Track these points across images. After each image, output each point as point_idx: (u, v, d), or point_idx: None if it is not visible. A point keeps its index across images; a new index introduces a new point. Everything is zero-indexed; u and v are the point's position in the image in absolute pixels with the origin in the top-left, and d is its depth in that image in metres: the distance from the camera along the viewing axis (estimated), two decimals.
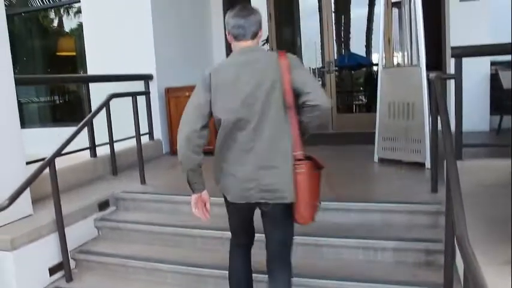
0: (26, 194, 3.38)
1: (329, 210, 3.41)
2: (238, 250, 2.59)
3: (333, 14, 7.59)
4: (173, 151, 5.94)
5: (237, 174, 2.28)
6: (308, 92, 2.16)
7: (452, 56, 3.40)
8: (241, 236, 2.59)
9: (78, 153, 4.62)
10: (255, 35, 2.32)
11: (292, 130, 2.23)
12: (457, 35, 6.20)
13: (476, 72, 5.94)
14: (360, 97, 8.82)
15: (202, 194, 2.45)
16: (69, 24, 8.68)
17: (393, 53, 4.85)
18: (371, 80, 7.93)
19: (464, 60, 3.44)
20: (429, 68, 5.89)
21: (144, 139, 5.59)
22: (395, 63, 4.82)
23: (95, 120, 4.54)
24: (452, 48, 3.40)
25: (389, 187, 3.92)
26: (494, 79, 6.11)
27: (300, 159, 2.24)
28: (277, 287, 2.41)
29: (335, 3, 7.86)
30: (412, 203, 3.31)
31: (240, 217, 2.51)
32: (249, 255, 2.59)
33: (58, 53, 8.77)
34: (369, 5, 8.01)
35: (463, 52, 3.37)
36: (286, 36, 8.46)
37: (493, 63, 6.26)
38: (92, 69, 6.36)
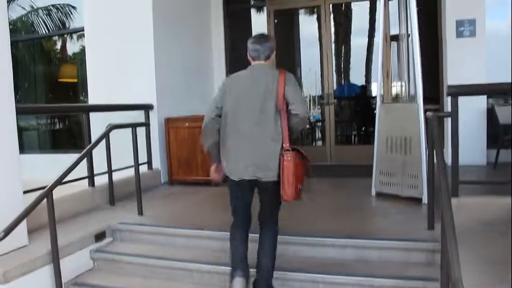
0: (23, 225, 3.36)
1: (326, 246, 3.43)
2: (238, 233, 3.18)
3: (333, 45, 7.71)
4: (171, 181, 5.96)
5: (239, 160, 3.00)
6: (292, 103, 2.93)
7: (448, 95, 3.45)
8: (240, 216, 3.21)
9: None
10: (267, 57, 3.12)
11: (283, 128, 2.95)
12: (453, 70, 6.34)
13: (473, 107, 6.01)
14: (359, 129, 8.85)
15: (218, 165, 3.18)
16: (72, 48, 8.81)
17: (391, 87, 4.91)
18: (370, 111, 7.99)
19: None
20: (428, 100, 5.97)
21: (143, 168, 5.62)
22: (393, 97, 4.88)
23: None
24: (448, 86, 3.45)
25: (386, 223, 3.92)
26: (491, 113, 6.18)
27: (287, 150, 2.92)
28: (265, 239, 3.12)
29: (335, 33, 7.98)
30: (409, 241, 3.31)
31: (239, 194, 3.15)
32: (246, 236, 3.19)
33: (60, 80, 8.86)
34: (368, 36, 8.13)
35: (459, 91, 3.42)
36: (287, 65, 8.55)
37: (489, 98, 6.35)
38: (93, 96, 6.42)
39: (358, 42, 8.43)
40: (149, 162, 5.89)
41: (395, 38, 4.94)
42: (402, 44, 4.82)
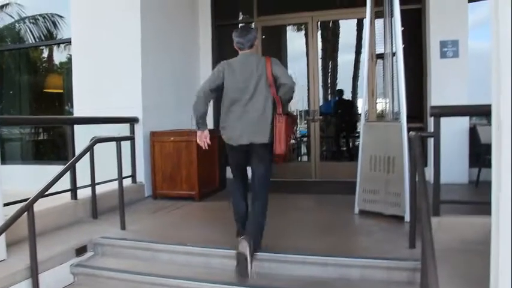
0: (1, 238, 3.34)
1: (307, 263, 3.43)
2: (236, 188, 3.92)
3: (320, 60, 7.79)
4: (155, 195, 5.93)
5: (236, 128, 3.67)
6: (280, 77, 3.62)
7: (430, 115, 3.50)
8: (238, 174, 3.93)
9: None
10: (251, 46, 3.79)
11: (274, 98, 3.62)
12: (437, 90, 6.47)
13: (456, 126, 6.12)
14: (344, 145, 8.91)
15: (204, 132, 3.86)
16: (59, 57, 8.76)
17: (376, 105, 4.97)
18: (356, 127, 8.06)
19: None
20: (412, 118, 6.04)
21: (127, 182, 5.59)
22: (378, 114, 4.92)
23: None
24: (431, 107, 3.51)
25: (368, 241, 3.93)
26: (473, 133, 6.29)
27: (280, 114, 3.61)
28: (257, 203, 3.68)
29: (322, 50, 8.07)
30: (390, 259, 3.32)
31: (237, 156, 3.83)
32: (245, 191, 3.92)
33: (46, 90, 8.81)
34: (355, 52, 8.23)
35: (441, 112, 3.47)
36: None
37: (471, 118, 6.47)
38: (79, 108, 6.38)
39: (345, 59, 8.53)
40: (133, 176, 5.87)
41: (381, 56, 5.02)
42: (387, 62, 4.89)
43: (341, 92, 8.43)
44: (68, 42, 7.33)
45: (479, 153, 6.01)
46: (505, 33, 1.41)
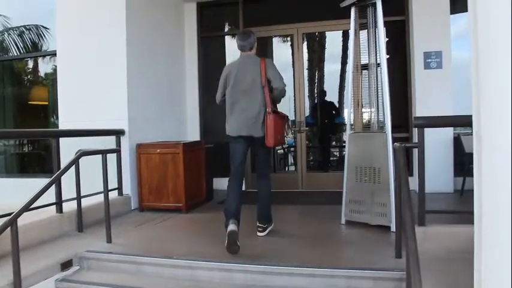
0: None
1: (294, 275, 3.42)
2: (234, 176, 4.39)
3: (306, 72, 7.84)
4: (142, 207, 5.89)
5: (237, 121, 4.35)
6: (272, 80, 4.27)
7: (414, 127, 3.54)
8: (237, 163, 4.40)
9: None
10: (251, 49, 4.46)
11: (266, 98, 4.26)
12: (422, 100, 6.55)
13: (440, 136, 6.19)
14: (331, 155, 8.94)
15: None
16: (44, 68, 8.71)
17: (362, 116, 5.00)
18: (342, 137, 8.10)
19: None
20: (398, 128, 6.09)
21: (113, 194, 5.54)
22: (364, 125, 4.96)
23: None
24: (415, 118, 3.55)
25: (354, 251, 3.95)
26: (457, 142, 6.37)
27: (269, 113, 4.23)
28: (262, 183, 4.50)
29: (308, 60, 8.13)
30: (376, 270, 3.34)
31: (238, 147, 4.39)
32: (241, 180, 4.44)
33: (31, 102, 8.75)
34: (341, 63, 8.29)
35: (425, 123, 3.52)
36: None
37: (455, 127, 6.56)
38: (64, 120, 6.33)
39: (331, 69, 8.59)
40: (119, 188, 5.83)
41: (366, 67, 5.06)
42: (372, 73, 4.94)
43: (323, 93, 8.46)
44: (53, 54, 7.30)
45: (464, 163, 6.08)
46: (484, 46, 1.43)
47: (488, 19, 1.40)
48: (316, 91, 8.64)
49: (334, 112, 8.53)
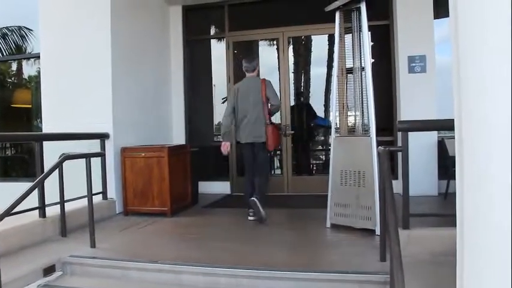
0: None
1: (277, 279, 3.42)
2: (247, 179, 5.57)
3: (292, 75, 7.86)
4: (126, 211, 5.85)
5: (245, 131, 5.44)
6: (270, 98, 5.39)
7: (398, 130, 3.56)
8: (248, 169, 5.60)
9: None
10: (254, 70, 5.53)
11: (265, 113, 5.38)
12: (406, 104, 6.61)
13: (424, 140, 6.23)
14: (316, 159, 8.95)
15: (226, 143, 5.57)
16: (28, 70, 8.60)
17: (346, 120, 5.01)
18: (328, 141, 8.10)
19: None
20: (383, 131, 6.11)
21: (97, 198, 5.51)
22: (349, 129, 4.97)
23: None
24: (399, 122, 3.58)
25: (339, 255, 3.96)
26: (441, 146, 6.42)
27: (268, 124, 5.39)
28: (261, 177, 5.45)
29: (294, 64, 8.15)
30: (360, 273, 3.34)
31: (247, 152, 5.57)
32: (254, 174, 5.51)
33: (13, 105, 8.64)
34: (327, 67, 8.31)
35: (408, 127, 3.54)
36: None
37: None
38: (48, 123, 6.27)
39: (317, 73, 8.60)
40: (104, 192, 5.77)
41: (351, 71, 5.09)
42: (356, 77, 4.97)
43: (299, 95, 8.45)
44: (36, 56, 7.22)
45: (448, 166, 6.14)
46: (464, 50, 1.44)
47: (468, 24, 1.41)
48: (302, 95, 8.65)
49: (311, 114, 8.51)
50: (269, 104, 5.41)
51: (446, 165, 6.25)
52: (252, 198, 5.21)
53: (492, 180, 1.25)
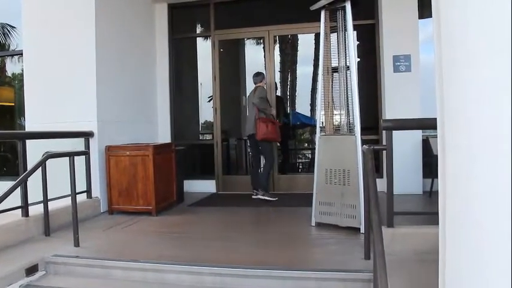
0: None
1: (265, 277, 3.42)
2: (254, 161, 7.08)
3: (278, 74, 7.87)
4: (111, 210, 5.80)
5: (245, 127, 7.00)
6: (255, 99, 6.65)
7: (383, 129, 3.58)
8: (253, 153, 7.11)
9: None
10: (256, 82, 6.87)
11: (256, 111, 6.59)
12: (391, 103, 6.65)
13: (409, 138, 6.27)
14: (303, 157, 8.97)
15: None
16: (13, 68, 8.49)
17: (331, 118, 5.03)
18: (313, 140, 8.11)
19: None
20: (368, 130, 6.13)
21: (82, 197, 5.47)
22: (335, 127, 4.98)
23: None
24: (383, 121, 3.60)
25: (324, 253, 3.98)
26: (426, 145, 6.48)
27: (256, 119, 6.58)
28: (263, 167, 6.79)
29: (280, 63, 8.16)
30: (345, 271, 3.36)
31: (250, 143, 6.99)
32: (259, 161, 6.95)
33: None
34: (313, 66, 8.33)
35: (393, 125, 3.57)
36: (231, 95, 8.63)
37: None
38: (31, 122, 6.20)
39: (303, 71, 8.62)
40: (88, 191, 5.73)
41: (336, 69, 5.10)
42: (341, 76, 4.98)
43: (284, 93, 8.43)
44: (19, 54, 7.13)
45: (432, 164, 6.18)
46: (447, 51, 1.45)
47: (450, 25, 1.43)
48: (288, 93, 8.66)
49: (297, 112, 8.53)
50: None
51: (430, 164, 6.31)
52: (253, 197, 6.69)
53: (473, 178, 1.26)
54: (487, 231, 1.16)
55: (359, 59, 6.85)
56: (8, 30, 8.50)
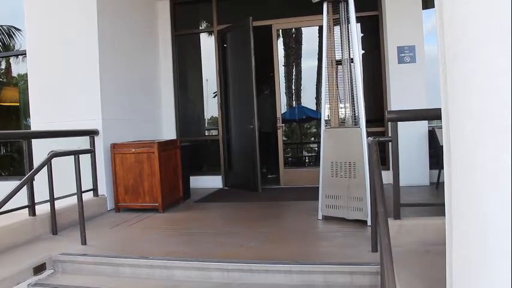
0: None
1: (270, 272, 3.41)
2: None
3: (282, 68, 7.84)
4: (117, 207, 5.81)
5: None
6: None
7: (388, 121, 3.56)
8: None
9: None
10: None
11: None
12: (396, 94, 6.60)
13: (415, 130, 6.24)
14: (308, 151, 8.96)
15: None
16: (18, 69, 8.52)
17: (336, 112, 5.00)
18: (320, 133, 8.09)
19: None
20: (374, 122, 6.09)
21: (88, 195, 5.49)
22: (338, 122, 4.96)
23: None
24: (388, 112, 3.56)
25: (331, 246, 3.95)
26: (432, 135, 6.44)
27: None
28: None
29: (284, 57, 8.12)
30: (352, 264, 3.35)
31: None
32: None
33: (2, 103, 8.57)
34: (318, 59, 8.31)
35: (398, 117, 3.54)
36: (237, 90, 8.60)
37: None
38: (36, 121, 6.20)
39: (308, 65, 8.59)
40: (95, 189, 5.74)
41: (340, 62, 5.07)
42: (345, 68, 4.95)
43: (289, 87, 8.44)
44: (23, 54, 7.14)
45: (439, 155, 6.14)
46: (451, 42, 1.43)
47: (453, 16, 1.41)
48: (294, 87, 8.64)
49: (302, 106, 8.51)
50: None
51: (437, 155, 6.27)
52: None
53: (479, 169, 1.25)
54: (494, 221, 1.15)
55: (363, 51, 6.81)
56: (14, 33, 8.52)
